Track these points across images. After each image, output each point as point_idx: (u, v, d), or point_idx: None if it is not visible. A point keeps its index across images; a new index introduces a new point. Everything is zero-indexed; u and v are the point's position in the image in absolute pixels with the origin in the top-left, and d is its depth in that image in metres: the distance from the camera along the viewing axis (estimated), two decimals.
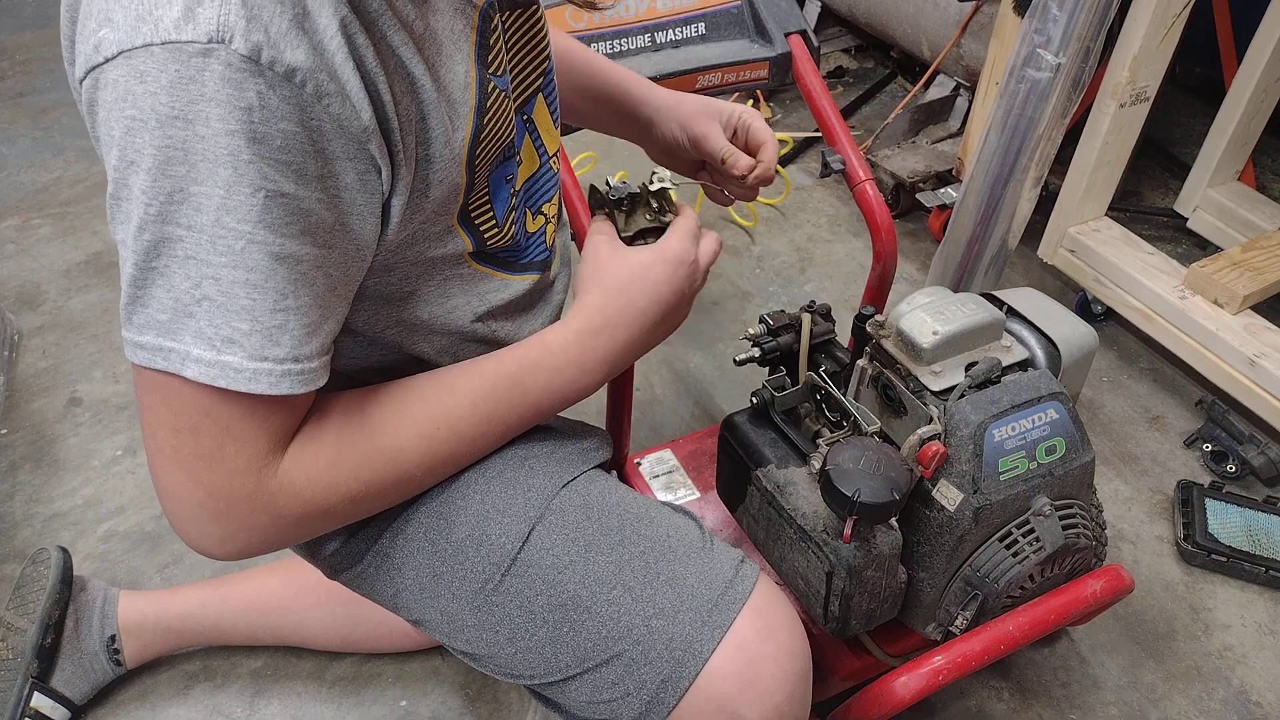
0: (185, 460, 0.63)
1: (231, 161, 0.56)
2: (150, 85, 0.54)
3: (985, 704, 1.29)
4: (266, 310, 0.60)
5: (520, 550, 0.80)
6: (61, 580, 1.19)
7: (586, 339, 0.80)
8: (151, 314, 0.59)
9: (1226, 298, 1.64)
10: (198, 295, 0.58)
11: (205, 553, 0.67)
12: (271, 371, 0.61)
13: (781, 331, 1.08)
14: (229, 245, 0.57)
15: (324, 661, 1.32)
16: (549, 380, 0.79)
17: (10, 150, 2.43)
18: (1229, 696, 1.31)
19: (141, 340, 0.60)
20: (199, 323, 0.59)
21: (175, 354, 0.59)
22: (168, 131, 0.55)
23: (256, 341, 0.60)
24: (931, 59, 2.34)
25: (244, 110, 0.55)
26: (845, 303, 1.98)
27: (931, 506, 0.92)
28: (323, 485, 0.68)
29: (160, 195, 0.56)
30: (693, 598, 0.77)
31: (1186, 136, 2.44)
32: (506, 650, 0.81)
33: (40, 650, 1.15)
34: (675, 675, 0.75)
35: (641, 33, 1.22)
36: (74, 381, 1.75)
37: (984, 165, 1.66)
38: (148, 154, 0.55)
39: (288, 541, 0.70)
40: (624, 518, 0.82)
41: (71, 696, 1.18)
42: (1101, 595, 0.96)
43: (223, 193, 0.56)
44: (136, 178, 0.56)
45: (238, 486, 0.64)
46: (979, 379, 0.92)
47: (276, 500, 0.66)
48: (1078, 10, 1.44)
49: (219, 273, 0.58)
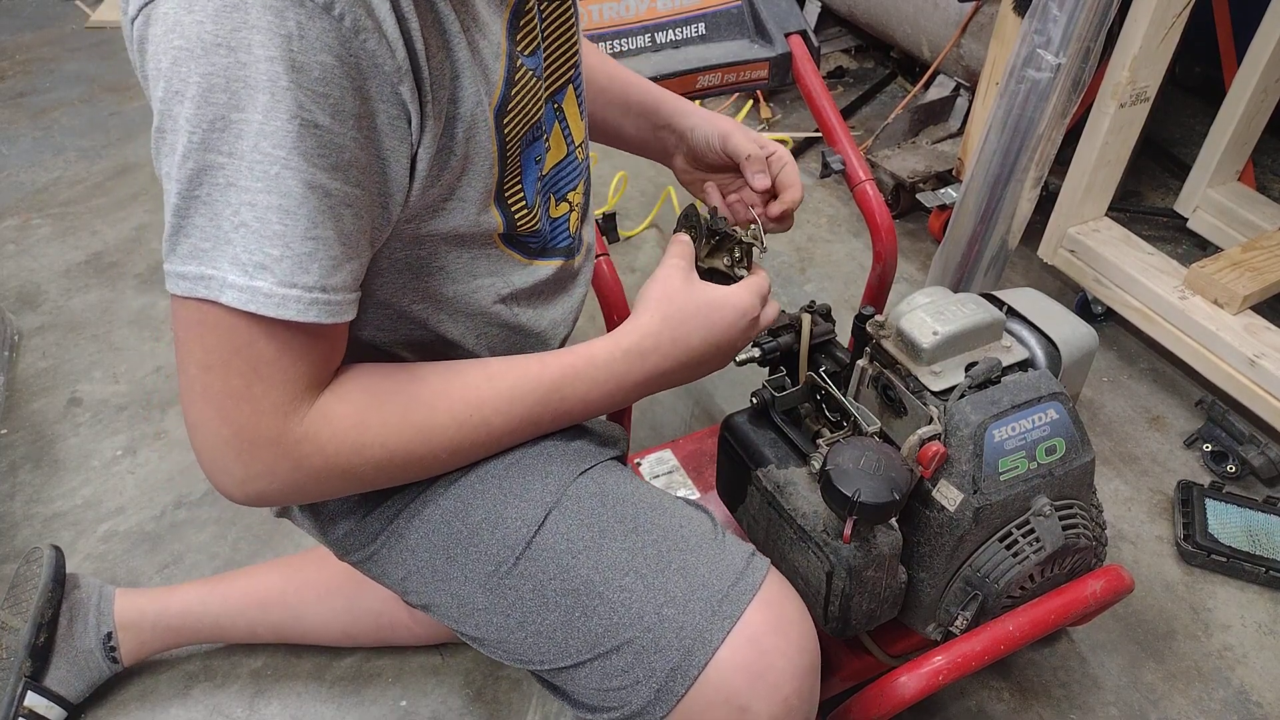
0: (214, 397, 0.64)
1: (270, 87, 0.57)
2: (197, 14, 0.56)
3: (985, 704, 1.29)
4: (297, 237, 0.61)
5: (535, 534, 0.81)
6: (54, 578, 1.19)
7: (633, 359, 0.81)
8: (195, 242, 0.60)
9: (1226, 298, 1.64)
10: (236, 222, 0.60)
11: (225, 491, 0.68)
12: (300, 299, 0.62)
13: (781, 331, 1.08)
14: (265, 170, 0.59)
15: (324, 661, 1.32)
16: (587, 391, 0.80)
17: (10, 150, 2.43)
18: (1229, 696, 1.31)
19: (185, 270, 0.61)
20: (235, 249, 0.60)
21: (215, 280, 0.60)
22: (212, 59, 0.57)
23: (287, 267, 0.61)
24: (931, 59, 2.34)
25: (284, 38, 0.57)
26: (845, 303, 1.98)
27: (931, 506, 0.92)
28: (347, 443, 0.68)
29: (204, 123, 0.58)
30: (704, 587, 0.77)
31: (1186, 136, 2.44)
32: (517, 635, 0.81)
33: (33, 649, 1.15)
34: (685, 664, 0.75)
35: (641, 33, 1.22)
36: (74, 381, 1.75)
37: (984, 165, 1.66)
38: (193, 82, 0.57)
39: (304, 496, 0.71)
40: (638, 507, 0.83)
41: (67, 695, 1.18)
42: (1101, 595, 0.96)
43: (260, 118, 0.58)
44: (182, 107, 0.58)
45: (263, 428, 0.64)
46: (979, 379, 0.92)
47: (300, 448, 0.66)
48: (1078, 10, 1.44)
49: (255, 198, 0.59)
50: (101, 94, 2.69)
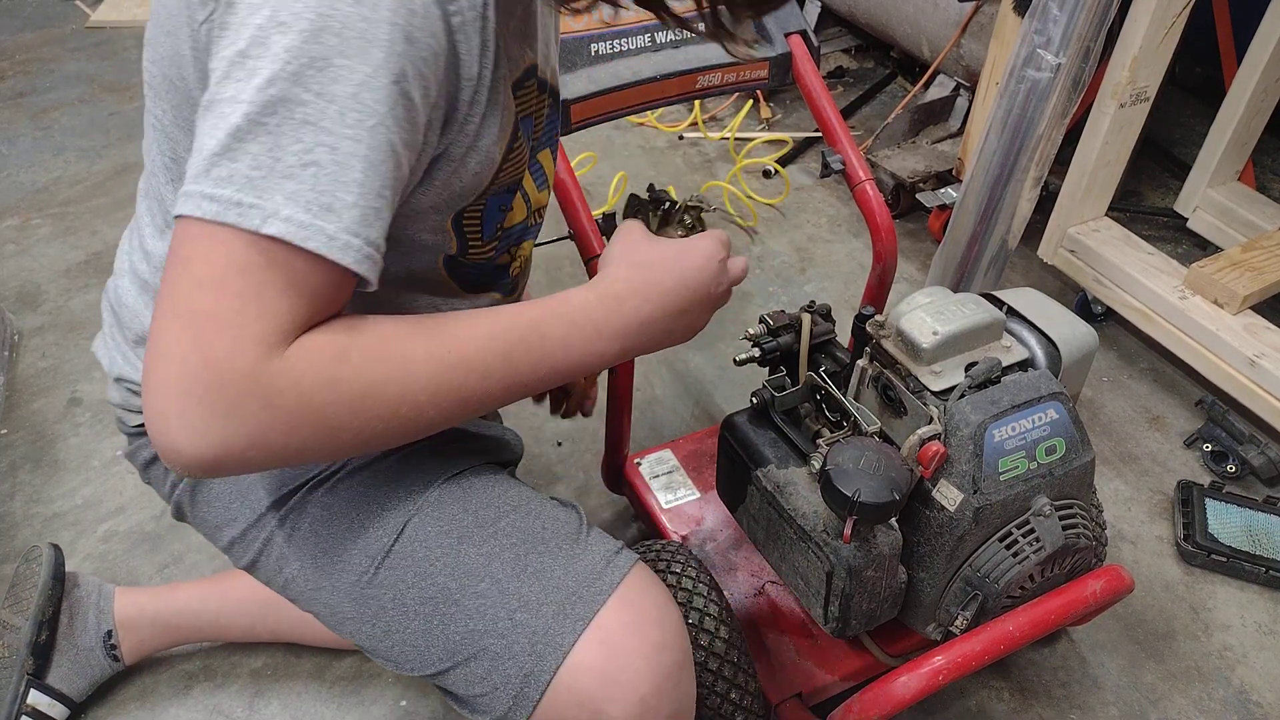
0: (195, 317, 0.59)
1: (387, 47, 0.59)
2: None
3: (985, 704, 1.29)
4: (373, 191, 0.61)
5: (394, 542, 0.81)
6: (53, 576, 1.19)
7: (609, 303, 0.77)
8: (240, 168, 0.58)
9: (1226, 298, 1.64)
10: (304, 159, 0.59)
11: (173, 446, 0.59)
12: (360, 250, 0.61)
13: (781, 331, 1.08)
14: (360, 119, 0.59)
15: (324, 661, 1.32)
16: (566, 333, 0.75)
17: (10, 150, 2.43)
18: (1229, 696, 1.31)
19: (218, 192, 0.58)
20: (298, 185, 0.59)
21: (257, 210, 0.58)
22: (334, 3, 0.58)
23: (355, 216, 0.60)
24: (931, 59, 2.34)
25: (409, 11, 0.60)
26: (845, 303, 1.98)
27: (931, 506, 0.92)
28: (324, 377, 0.63)
29: (303, 57, 0.58)
30: (557, 590, 0.77)
31: (1186, 136, 2.44)
32: (385, 643, 0.82)
33: (35, 647, 1.15)
34: (537, 669, 0.75)
35: (642, 33, 1.22)
36: (74, 381, 1.75)
37: (984, 165, 1.66)
38: (305, 18, 0.58)
39: (268, 450, 0.63)
40: (500, 510, 0.82)
41: (69, 693, 1.18)
42: (1101, 595, 0.96)
43: (369, 71, 0.59)
44: (283, 38, 0.58)
45: (239, 358, 0.59)
46: (979, 379, 0.92)
47: (274, 384, 0.60)
48: (1078, 10, 1.44)
49: (339, 143, 0.59)
50: (101, 94, 2.69)
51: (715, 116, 2.57)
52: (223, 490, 0.88)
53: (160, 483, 0.93)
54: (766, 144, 2.45)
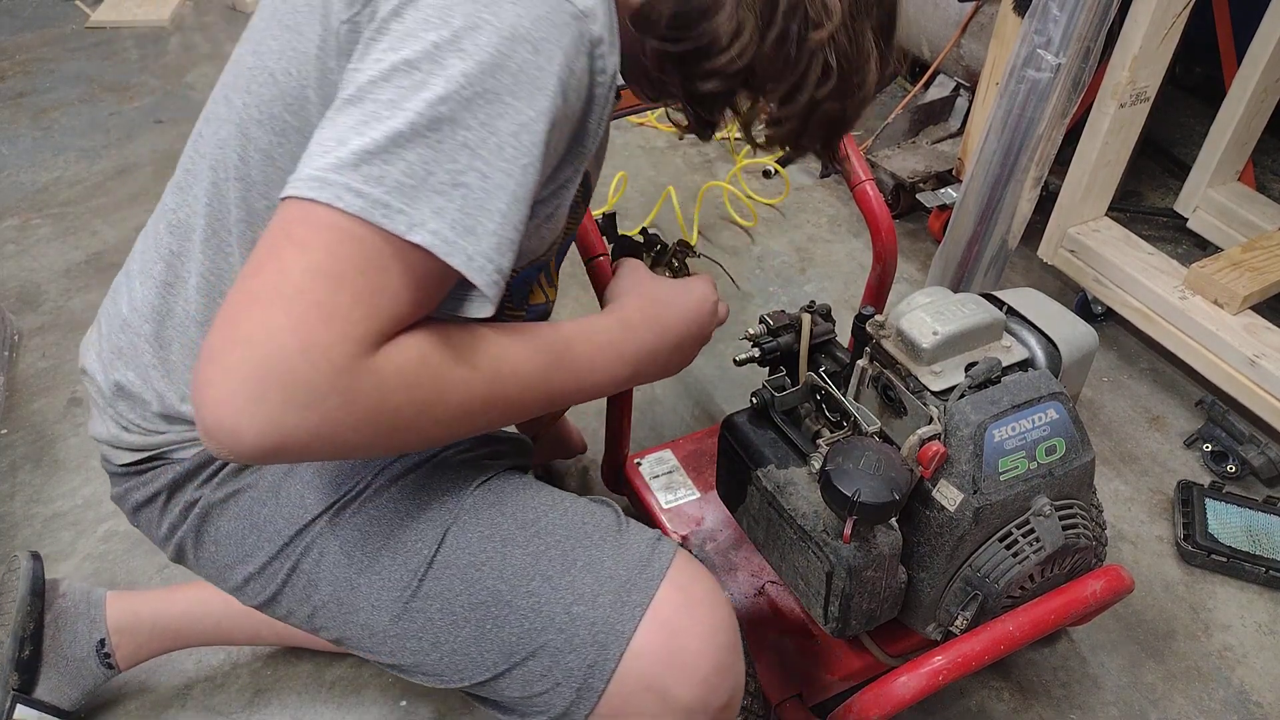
0: (303, 306, 0.58)
1: (550, 98, 0.64)
2: (519, 8, 0.62)
3: (985, 704, 1.29)
4: (511, 225, 0.64)
5: (436, 553, 0.80)
6: (31, 591, 1.14)
7: (626, 331, 0.83)
8: (393, 172, 0.60)
9: (1226, 298, 1.64)
10: (455, 180, 0.61)
11: (233, 430, 0.58)
12: (492, 274, 0.64)
13: (781, 331, 1.08)
14: (514, 156, 0.63)
15: (323, 662, 1.31)
16: (592, 354, 0.80)
17: (10, 150, 2.43)
18: (1229, 696, 1.31)
19: (367, 189, 0.59)
20: (447, 202, 0.61)
21: (404, 215, 0.60)
22: (514, 46, 0.62)
23: (492, 243, 0.63)
24: (931, 59, 2.34)
25: (570, 70, 0.65)
26: (845, 303, 1.98)
27: (931, 506, 0.92)
28: (406, 380, 0.64)
29: (477, 86, 0.61)
30: (610, 579, 0.78)
31: (1186, 136, 2.44)
32: (432, 656, 0.81)
33: (19, 663, 1.11)
34: (600, 659, 0.76)
35: None
36: (74, 381, 1.75)
37: (984, 165, 1.66)
38: (486, 50, 0.61)
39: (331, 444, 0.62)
40: (537, 510, 0.83)
41: (60, 704, 1.15)
42: (1101, 595, 0.96)
43: (531, 115, 0.63)
44: (462, 63, 0.61)
45: (336, 354, 0.59)
46: (979, 379, 0.92)
47: (360, 383, 0.60)
48: (1078, 10, 1.44)
49: (491, 173, 0.62)
50: (101, 94, 2.69)
51: None
52: (235, 527, 0.85)
53: (154, 525, 0.89)
54: None
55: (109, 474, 0.92)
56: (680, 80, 0.77)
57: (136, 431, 0.86)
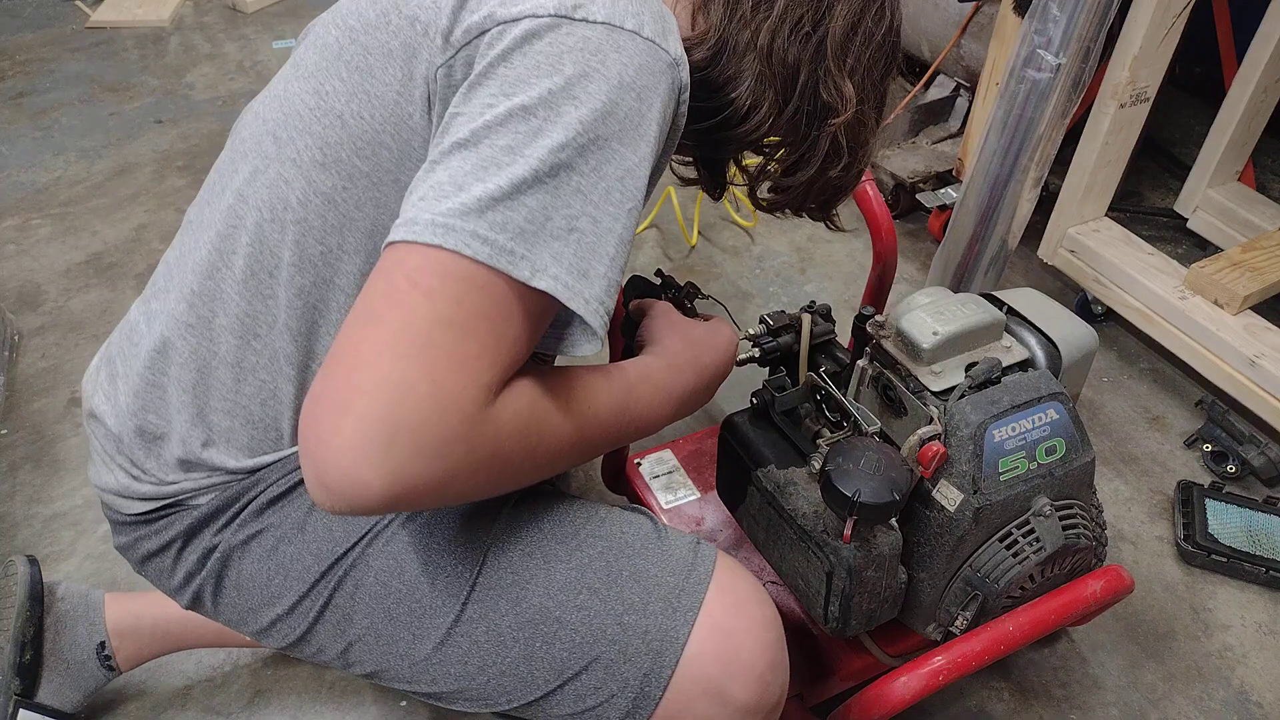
0: (434, 355, 0.58)
1: (651, 144, 0.68)
2: (624, 56, 0.65)
3: (985, 704, 1.29)
4: (618, 267, 0.67)
5: (478, 575, 0.79)
6: (29, 596, 1.13)
7: (674, 374, 0.85)
8: (513, 216, 0.62)
9: (1226, 298, 1.64)
10: (570, 225, 0.64)
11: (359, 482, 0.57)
12: (603, 315, 0.67)
13: (781, 332, 1.08)
14: (620, 200, 0.66)
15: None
16: (650, 396, 0.82)
17: (10, 150, 2.43)
18: (1229, 697, 1.31)
19: (493, 236, 0.61)
20: (564, 246, 0.64)
21: (527, 261, 0.62)
22: (622, 93, 0.65)
23: (601, 287, 0.66)
24: (931, 59, 2.34)
25: (665, 116, 0.69)
26: (845, 303, 1.98)
27: (931, 507, 0.92)
28: (520, 426, 0.65)
29: (591, 133, 0.64)
30: (658, 587, 0.78)
31: (1186, 136, 2.44)
32: (478, 680, 0.80)
33: (20, 668, 1.10)
34: (657, 666, 0.75)
35: None
36: (74, 381, 1.75)
37: (984, 165, 1.66)
38: (598, 98, 0.64)
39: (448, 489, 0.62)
40: (575, 524, 0.82)
41: (62, 707, 1.15)
42: (1101, 595, 0.96)
43: (636, 160, 0.67)
44: (576, 110, 0.64)
45: (466, 401, 0.59)
46: (979, 379, 0.92)
47: (483, 430, 0.61)
48: (1078, 10, 1.44)
49: (600, 217, 0.65)
50: (101, 94, 2.69)
51: None
52: (259, 569, 0.82)
53: (166, 575, 0.86)
54: None
55: (113, 522, 0.88)
56: (695, 143, 0.81)
57: (149, 481, 0.83)
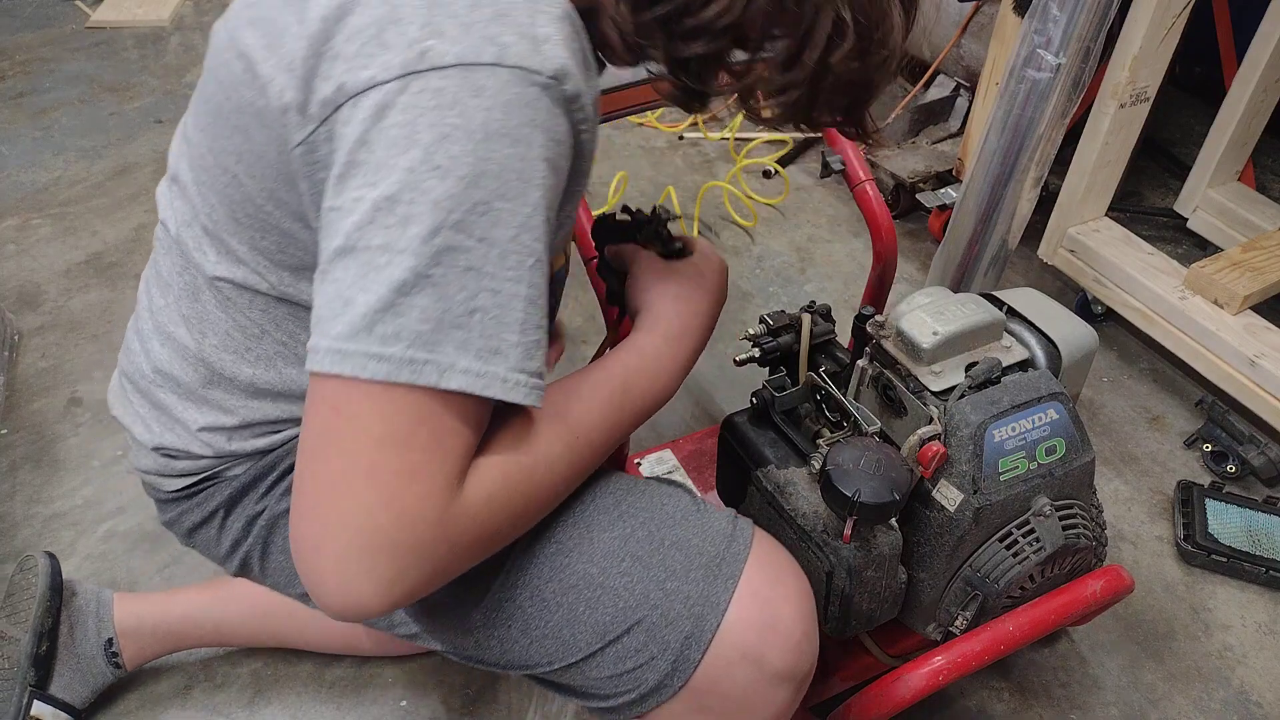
0: (383, 477, 0.59)
1: (542, 184, 0.60)
2: (485, 100, 0.57)
3: (985, 704, 1.29)
4: (532, 326, 0.62)
5: (520, 543, 0.81)
6: (51, 587, 1.18)
7: (673, 345, 0.84)
8: (408, 323, 0.58)
9: (1226, 298, 1.64)
10: (470, 307, 0.59)
11: (359, 604, 0.60)
12: (526, 383, 0.62)
13: (781, 332, 1.07)
14: (520, 261, 0.60)
15: (323, 662, 1.31)
16: (649, 385, 0.81)
17: (10, 150, 2.43)
18: (1229, 697, 1.31)
19: (386, 351, 0.58)
20: (468, 334, 0.59)
21: (433, 365, 0.58)
22: (491, 145, 0.57)
23: (518, 355, 0.61)
24: (931, 59, 2.34)
25: (555, 142, 0.61)
26: (845, 303, 1.98)
27: (931, 507, 0.92)
28: (496, 505, 0.66)
29: (465, 204, 0.57)
30: (700, 555, 0.79)
31: (1186, 136, 2.44)
32: (521, 643, 0.81)
33: (36, 659, 1.14)
34: (698, 630, 0.76)
35: None
36: (74, 381, 1.75)
37: (984, 165, 1.66)
38: (464, 162, 0.57)
39: (447, 575, 0.66)
40: (617, 495, 0.83)
41: (72, 702, 1.18)
42: (1101, 595, 0.96)
43: (528, 212, 0.60)
44: (442, 184, 0.57)
45: (429, 508, 0.60)
46: (979, 379, 0.92)
47: (458, 524, 0.62)
48: (1078, 10, 1.44)
49: (501, 286, 0.59)
50: (101, 94, 2.69)
51: (715, 116, 2.56)
52: None
53: (213, 544, 0.89)
54: (766, 144, 2.45)
55: (156, 500, 0.91)
56: (663, 44, 0.66)
57: (185, 458, 0.85)
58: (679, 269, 0.90)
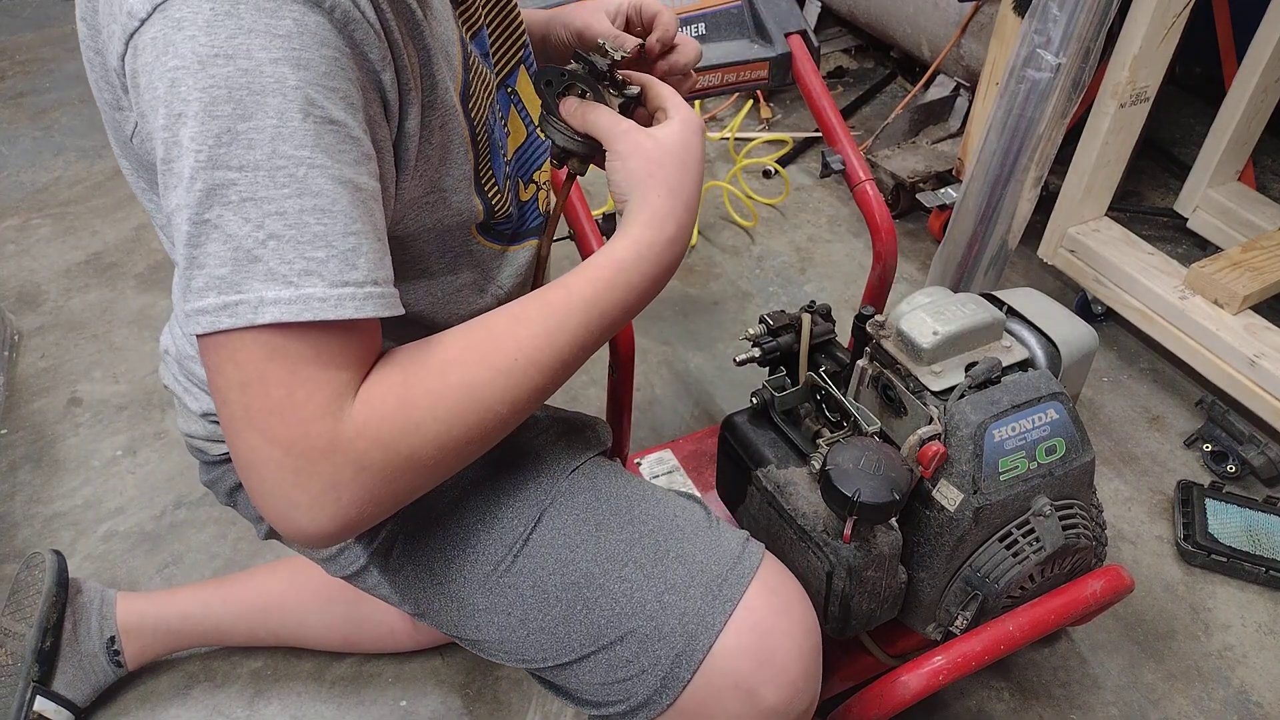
0: (256, 417, 0.59)
1: (279, 89, 0.56)
2: (188, 30, 0.55)
3: (985, 704, 1.29)
4: (339, 234, 0.58)
5: (532, 532, 0.81)
6: (57, 583, 1.19)
7: (658, 248, 0.73)
8: (210, 272, 0.57)
9: (1226, 298, 1.64)
10: (261, 236, 0.57)
11: (299, 532, 0.62)
12: (354, 295, 0.59)
13: (781, 331, 1.08)
14: (290, 174, 0.57)
15: (324, 661, 1.32)
16: (624, 298, 0.72)
17: (10, 150, 2.43)
18: (1229, 697, 1.31)
19: (203, 305, 0.57)
20: (268, 264, 0.57)
21: (245, 304, 0.57)
22: (209, 71, 0.55)
23: (335, 267, 0.58)
24: (931, 59, 2.34)
25: (283, 37, 0.56)
26: (845, 303, 1.98)
27: (931, 507, 0.92)
28: (399, 427, 0.63)
29: (209, 139, 0.55)
30: (703, 572, 0.78)
31: (1186, 136, 2.44)
32: (519, 633, 0.82)
33: (40, 654, 1.15)
34: (689, 649, 0.75)
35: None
36: (74, 381, 1.75)
37: (984, 165, 1.66)
38: (193, 99, 0.55)
39: (378, 504, 0.64)
40: (631, 499, 0.83)
41: (74, 699, 1.18)
42: (1101, 595, 0.96)
43: (275, 122, 0.56)
44: (185, 128, 0.55)
45: (314, 436, 0.59)
46: (979, 379, 0.92)
47: (356, 446, 0.61)
48: (1078, 10, 1.44)
49: (283, 205, 0.57)
50: None
51: (715, 116, 2.56)
52: None
53: (249, 505, 0.91)
54: (766, 144, 2.45)
55: (201, 462, 0.94)
56: None
57: None
58: (669, 148, 0.75)
